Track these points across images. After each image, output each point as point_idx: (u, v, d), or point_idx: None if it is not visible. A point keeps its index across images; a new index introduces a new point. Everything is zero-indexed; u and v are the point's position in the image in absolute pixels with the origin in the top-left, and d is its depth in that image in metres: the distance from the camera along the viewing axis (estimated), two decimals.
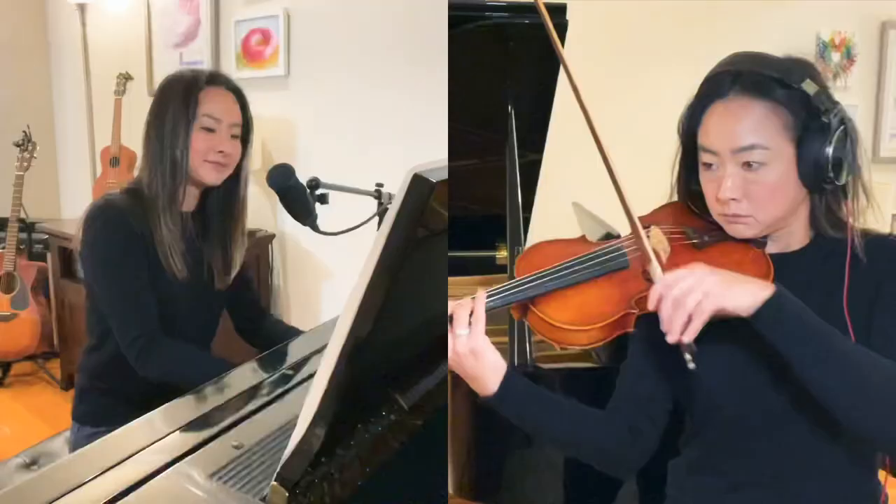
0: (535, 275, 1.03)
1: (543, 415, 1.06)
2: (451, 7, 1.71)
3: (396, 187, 0.76)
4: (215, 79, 1.53)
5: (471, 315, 0.99)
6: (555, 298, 1.01)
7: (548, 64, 1.81)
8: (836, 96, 0.99)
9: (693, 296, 0.89)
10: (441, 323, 1.12)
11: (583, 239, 1.13)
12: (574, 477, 1.53)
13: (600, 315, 1.00)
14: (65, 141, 4.38)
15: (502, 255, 1.98)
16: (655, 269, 0.97)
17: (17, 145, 3.46)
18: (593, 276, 1.03)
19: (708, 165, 1.01)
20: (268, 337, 1.74)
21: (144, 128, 1.53)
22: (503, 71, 1.84)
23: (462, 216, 1.51)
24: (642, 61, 2.91)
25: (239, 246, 1.61)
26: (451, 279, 1.90)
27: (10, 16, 4.21)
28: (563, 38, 1.79)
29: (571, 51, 1.85)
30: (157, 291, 1.49)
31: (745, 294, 0.90)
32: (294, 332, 1.73)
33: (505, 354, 1.67)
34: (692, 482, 1.12)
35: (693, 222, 1.09)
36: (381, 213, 1.64)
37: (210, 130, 1.49)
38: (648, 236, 1.03)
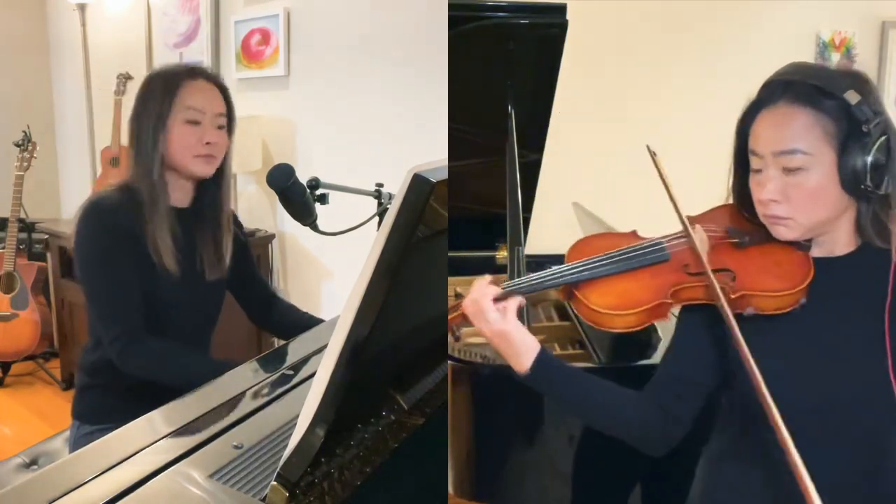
0: (581, 262, 1.11)
1: (577, 391, 1.12)
2: (451, 7, 1.71)
3: (396, 187, 0.76)
4: (196, 72, 1.52)
5: (499, 301, 1.07)
6: (598, 285, 1.10)
7: (547, 64, 1.82)
8: None
9: None
10: (441, 323, 1.12)
11: (633, 234, 1.20)
12: (574, 477, 1.53)
13: (637, 302, 1.07)
14: (65, 141, 4.38)
15: (502, 255, 1.98)
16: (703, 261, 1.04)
17: (17, 145, 3.47)
18: (634, 267, 1.11)
19: (756, 170, 1.05)
20: (280, 323, 1.74)
21: (129, 125, 1.53)
22: (503, 71, 1.83)
23: (462, 216, 1.51)
24: (641, 61, 2.91)
25: (227, 233, 1.60)
26: (451, 279, 1.90)
27: (10, 16, 4.21)
28: (562, 38, 1.79)
29: (572, 50, 1.86)
30: (150, 288, 1.48)
31: None
32: (309, 318, 1.72)
33: None
34: (723, 469, 1.14)
35: (744, 224, 1.13)
36: (381, 213, 1.64)
37: (195, 123, 1.48)
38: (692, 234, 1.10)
